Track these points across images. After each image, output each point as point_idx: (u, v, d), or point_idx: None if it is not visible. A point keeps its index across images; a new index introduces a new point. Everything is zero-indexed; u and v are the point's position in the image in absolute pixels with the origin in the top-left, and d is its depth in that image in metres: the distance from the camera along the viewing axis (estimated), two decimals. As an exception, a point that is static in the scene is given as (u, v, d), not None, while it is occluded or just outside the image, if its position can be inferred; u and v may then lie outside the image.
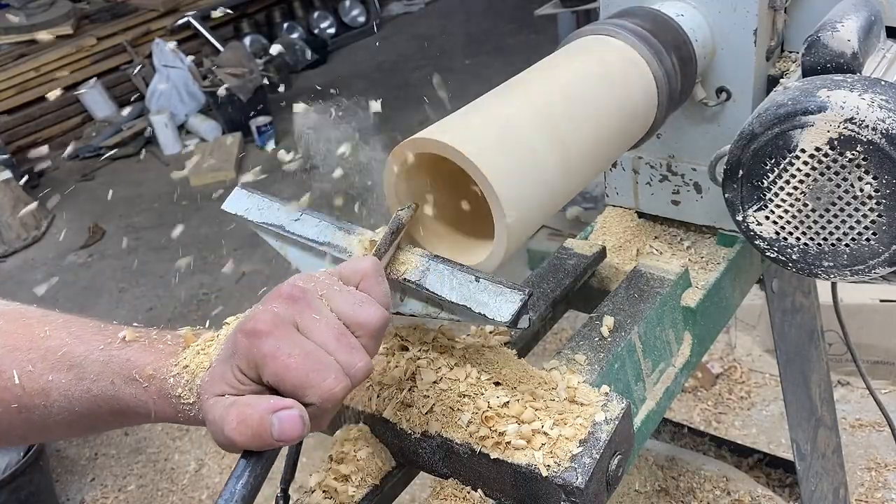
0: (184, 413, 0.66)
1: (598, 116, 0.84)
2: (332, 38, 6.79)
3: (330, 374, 0.59)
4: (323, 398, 0.59)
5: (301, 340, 0.59)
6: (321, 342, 0.60)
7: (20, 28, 5.57)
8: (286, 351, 0.58)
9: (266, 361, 0.59)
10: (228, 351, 0.61)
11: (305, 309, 0.61)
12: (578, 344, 0.91)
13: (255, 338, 0.59)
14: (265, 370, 0.59)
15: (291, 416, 0.57)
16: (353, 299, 0.64)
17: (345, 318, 0.62)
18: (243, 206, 0.84)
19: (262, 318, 0.60)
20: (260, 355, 0.59)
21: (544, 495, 0.71)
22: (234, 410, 0.58)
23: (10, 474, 2.51)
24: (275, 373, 0.58)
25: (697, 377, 2.86)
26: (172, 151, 5.45)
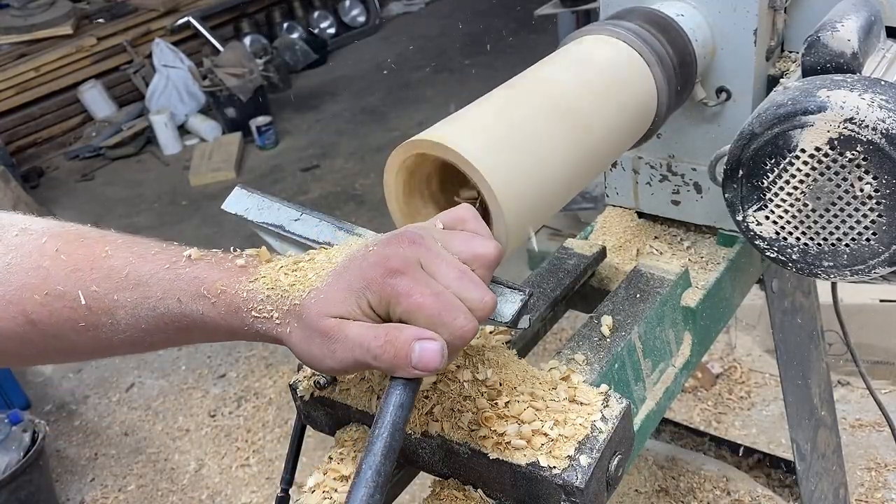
0: (252, 328, 0.67)
1: (597, 116, 0.84)
2: (332, 38, 6.80)
3: (460, 314, 0.61)
4: (455, 336, 0.61)
5: (430, 281, 0.62)
6: (446, 282, 0.62)
7: (20, 28, 5.57)
8: (419, 290, 0.61)
9: (400, 300, 0.61)
10: (357, 283, 0.63)
11: (428, 251, 0.63)
12: (578, 344, 0.91)
13: (390, 276, 0.61)
14: (398, 307, 0.61)
15: (433, 347, 0.60)
16: (465, 237, 0.66)
17: (462, 256, 0.65)
18: (243, 206, 0.84)
19: (394, 258, 0.62)
20: (394, 293, 0.61)
21: (544, 495, 0.71)
22: (382, 331, 0.61)
23: (10, 474, 2.51)
24: (408, 311, 0.61)
25: (697, 377, 2.86)
26: (172, 151, 5.45)
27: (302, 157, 5.14)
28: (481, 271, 0.65)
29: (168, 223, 4.63)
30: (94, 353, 0.73)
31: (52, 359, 0.75)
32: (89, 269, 0.69)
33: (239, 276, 0.69)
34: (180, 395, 3.29)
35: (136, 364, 3.48)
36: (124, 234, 0.74)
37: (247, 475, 2.77)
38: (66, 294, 0.69)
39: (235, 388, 3.28)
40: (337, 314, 0.63)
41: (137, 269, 0.70)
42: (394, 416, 0.61)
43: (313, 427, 0.88)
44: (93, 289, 0.69)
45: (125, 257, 0.70)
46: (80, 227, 0.75)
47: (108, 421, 3.23)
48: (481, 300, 0.63)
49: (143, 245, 0.72)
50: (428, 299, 0.61)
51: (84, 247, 0.71)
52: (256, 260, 0.71)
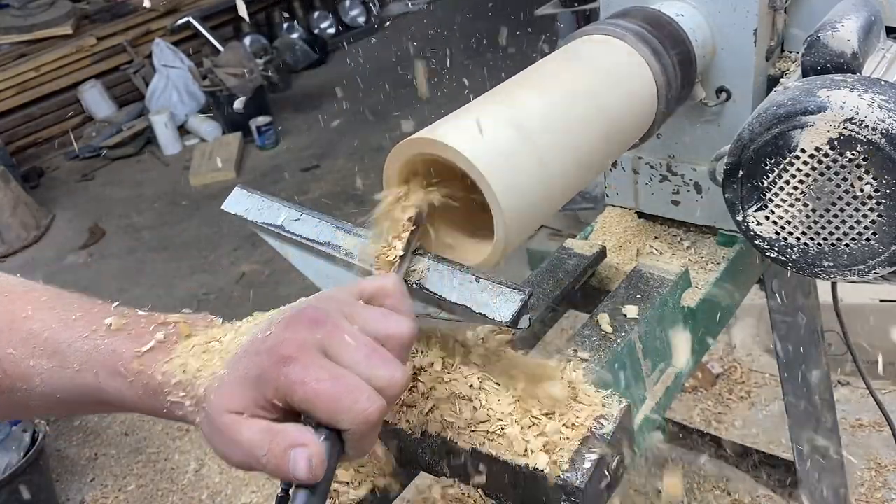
0: (171, 412, 0.64)
1: (597, 116, 0.84)
2: (332, 38, 6.79)
3: (362, 396, 0.57)
4: (356, 422, 0.57)
5: (329, 365, 0.57)
6: (351, 363, 0.58)
7: (20, 28, 5.57)
8: (314, 376, 0.56)
9: (295, 389, 0.56)
10: (252, 375, 0.59)
11: (332, 331, 0.59)
12: (578, 344, 0.91)
13: (282, 364, 0.57)
14: (294, 398, 0.57)
15: (300, 455, 0.56)
16: (380, 314, 0.62)
17: (373, 334, 0.60)
18: (243, 206, 0.84)
19: (288, 343, 0.58)
20: (288, 383, 0.56)
21: (544, 495, 0.71)
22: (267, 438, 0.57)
23: (10, 474, 2.51)
24: (305, 400, 0.56)
25: (697, 377, 2.86)
26: (172, 151, 5.45)
27: (302, 157, 5.14)
28: (395, 352, 0.60)
29: (168, 223, 4.63)
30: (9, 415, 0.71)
31: None
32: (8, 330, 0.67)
33: (156, 355, 0.66)
34: (180, 395, 3.29)
35: (136, 364, 3.48)
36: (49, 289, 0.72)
37: (247, 475, 2.77)
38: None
39: (235, 388, 3.28)
40: (234, 409, 0.58)
41: (56, 336, 0.67)
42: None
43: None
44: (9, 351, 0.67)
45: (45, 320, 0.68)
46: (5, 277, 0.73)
47: (108, 421, 3.23)
48: (391, 378, 0.58)
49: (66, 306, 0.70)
50: (324, 385, 0.56)
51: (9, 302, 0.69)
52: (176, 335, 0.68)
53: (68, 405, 0.69)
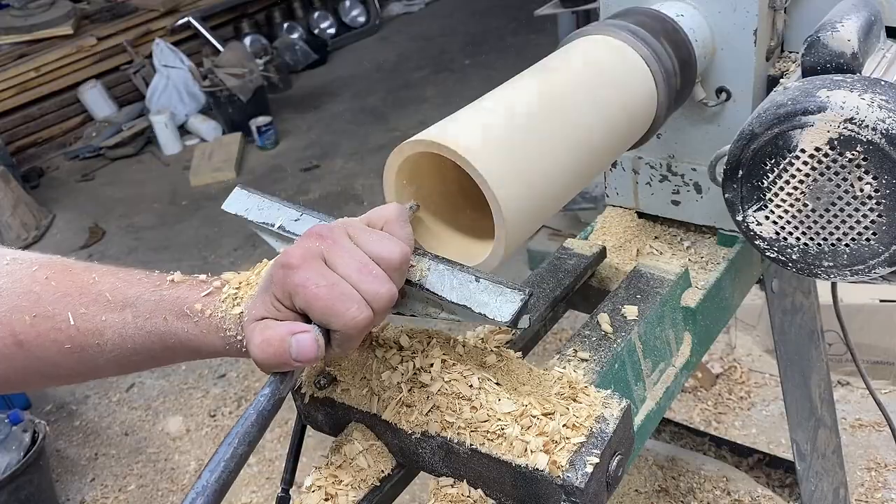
0: (231, 345, 0.72)
1: (597, 116, 0.84)
2: (332, 38, 6.79)
3: (353, 305, 0.64)
4: (346, 326, 0.65)
5: (327, 273, 0.65)
6: (345, 274, 0.65)
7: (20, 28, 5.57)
8: (314, 282, 0.64)
9: (297, 291, 0.65)
10: (266, 282, 0.68)
11: (332, 245, 0.67)
12: (578, 344, 0.91)
13: (288, 269, 0.65)
14: (296, 299, 0.65)
15: (306, 339, 0.64)
16: (376, 237, 0.69)
17: (368, 253, 0.67)
18: (243, 206, 0.84)
19: (294, 252, 0.67)
20: (292, 285, 0.65)
21: (544, 495, 0.71)
22: (259, 331, 0.66)
23: (10, 474, 2.51)
24: (305, 301, 0.65)
25: (697, 377, 2.86)
26: (172, 151, 5.45)
27: (302, 157, 5.14)
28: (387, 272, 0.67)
29: (168, 223, 4.63)
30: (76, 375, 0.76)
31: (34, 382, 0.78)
32: (78, 294, 0.73)
33: (214, 297, 0.74)
34: (180, 395, 3.29)
35: (136, 364, 3.48)
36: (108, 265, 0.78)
37: (247, 475, 2.77)
38: (55, 316, 0.72)
39: (235, 388, 3.28)
40: (257, 317, 0.67)
41: (124, 292, 0.74)
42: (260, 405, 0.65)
43: (313, 427, 0.89)
44: (81, 311, 0.72)
45: (112, 282, 0.75)
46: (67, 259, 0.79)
47: (108, 421, 3.23)
48: (375, 292, 0.66)
49: (128, 272, 0.77)
50: (322, 290, 0.64)
51: (72, 275, 0.75)
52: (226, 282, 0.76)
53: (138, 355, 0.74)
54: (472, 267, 0.72)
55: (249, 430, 0.64)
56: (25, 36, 5.57)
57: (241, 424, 0.64)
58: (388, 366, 0.80)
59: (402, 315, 0.76)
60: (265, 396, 0.65)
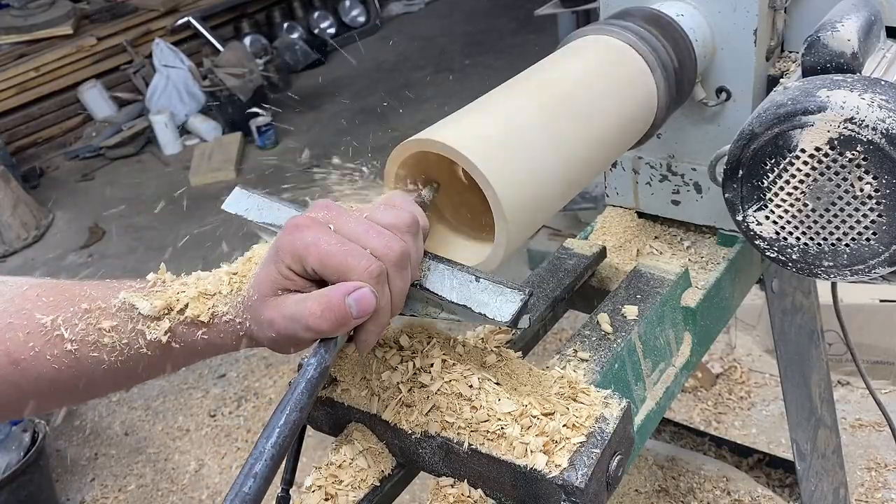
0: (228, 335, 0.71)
1: (598, 116, 0.84)
2: (332, 38, 6.79)
3: (363, 258, 0.65)
4: (363, 277, 0.64)
5: (335, 234, 0.66)
6: (352, 236, 0.66)
7: (20, 28, 5.57)
8: (324, 240, 0.65)
9: (309, 250, 0.65)
10: (271, 255, 0.67)
11: (338, 213, 0.68)
12: (578, 344, 0.91)
13: (297, 232, 0.65)
14: (309, 259, 0.65)
15: (364, 294, 0.64)
16: (383, 207, 0.70)
17: (375, 221, 0.68)
18: (243, 206, 0.84)
19: (301, 217, 0.67)
20: (303, 246, 0.65)
21: (544, 495, 0.71)
22: (313, 302, 0.64)
23: (10, 474, 2.51)
24: (318, 259, 0.64)
25: (697, 377, 2.86)
26: (172, 151, 5.45)
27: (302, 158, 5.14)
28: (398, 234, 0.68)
29: (168, 223, 4.63)
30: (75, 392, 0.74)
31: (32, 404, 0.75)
32: (70, 306, 0.72)
33: None
34: (180, 395, 3.29)
35: (136, 364, 3.48)
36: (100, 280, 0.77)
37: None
38: (48, 330, 0.70)
39: (235, 388, 3.28)
40: (270, 291, 0.67)
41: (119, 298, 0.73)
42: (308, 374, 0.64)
43: (313, 427, 0.88)
44: (74, 322, 0.71)
45: (103, 292, 0.73)
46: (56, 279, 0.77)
47: (108, 421, 3.23)
48: (386, 244, 0.66)
49: (120, 282, 0.76)
50: (334, 247, 0.64)
51: (63, 290, 0.74)
52: None
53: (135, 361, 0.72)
54: (472, 267, 0.72)
55: (300, 397, 0.64)
56: (25, 36, 5.58)
57: (291, 393, 0.64)
58: (387, 366, 0.80)
59: (402, 315, 0.76)
60: (312, 366, 0.65)
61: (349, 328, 0.66)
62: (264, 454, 0.61)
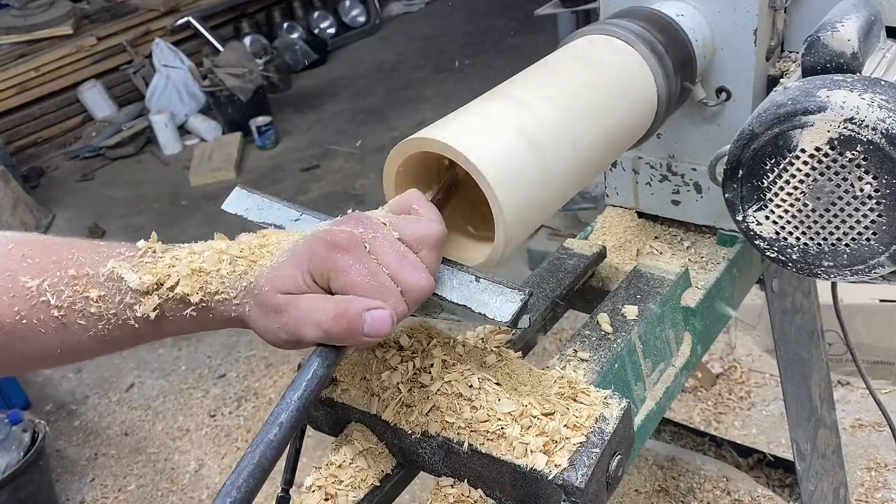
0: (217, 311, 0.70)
1: (598, 116, 0.84)
2: (332, 38, 6.79)
3: (391, 298, 0.65)
4: None
5: (370, 261, 0.66)
6: (385, 262, 0.66)
7: (20, 28, 5.57)
8: (357, 269, 0.65)
9: (338, 275, 0.65)
10: (304, 257, 0.67)
11: (374, 232, 0.67)
12: (578, 344, 0.91)
13: (334, 251, 0.65)
14: (336, 282, 0.65)
15: (383, 315, 0.64)
16: (411, 219, 0.70)
17: (405, 237, 0.68)
18: (243, 206, 0.84)
19: (341, 235, 0.66)
20: (335, 268, 0.65)
21: (544, 495, 0.71)
22: (330, 303, 0.65)
23: (10, 474, 2.51)
24: (343, 286, 0.65)
25: (697, 377, 2.86)
26: (172, 151, 5.45)
27: (302, 157, 5.14)
28: (426, 252, 0.68)
29: (168, 223, 4.63)
30: (61, 355, 0.73)
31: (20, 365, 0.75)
32: (57, 270, 0.71)
33: None
34: (180, 395, 3.29)
35: (136, 364, 3.48)
36: (90, 240, 0.75)
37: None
38: (34, 295, 0.69)
39: (235, 388, 3.28)
40: (286, 289, 0.66)
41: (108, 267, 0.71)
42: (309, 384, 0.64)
43: (313, 427, 0.89)
44: (60, 287, 0.70)
45: (92, 257, 0.72)
46: (46, 236, 0.76)
47: (108, 421, 3.23)
48: (417, 283, 0.66)
49: (109, 246, 0.74)
50: (363, 279, 0.64)
51: (51, 251, 0.72)
52: None
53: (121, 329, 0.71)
54: (472, 267, 0.72)
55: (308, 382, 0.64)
56: (25, 36, 5.57)
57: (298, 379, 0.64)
58: (387, 366, 0.80)
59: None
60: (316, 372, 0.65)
61: (355, 343, 0.65)
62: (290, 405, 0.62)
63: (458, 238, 0.80)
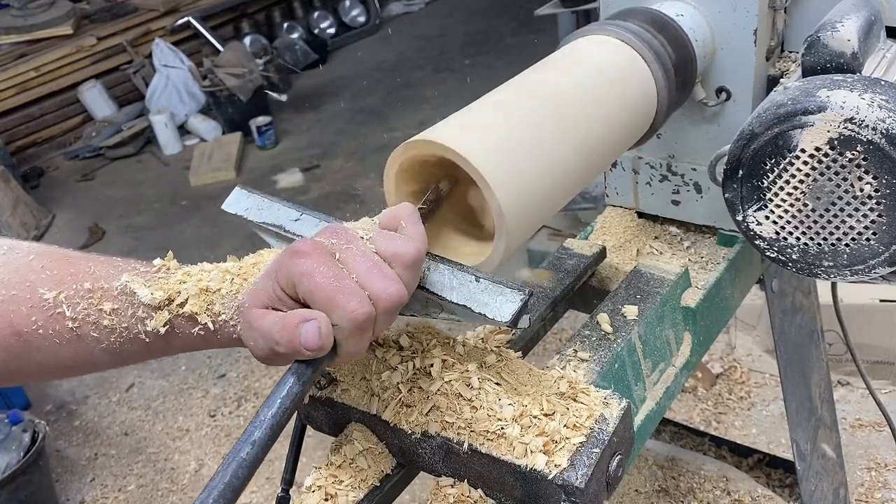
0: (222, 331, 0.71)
1: (598, 116, 0.84)
2: (332, 38, 6.79)
3: (353, 299, 0.63)
4: (345, 319, 0.64)
5: (335, 266, 0.65)
6: (354, 270, 0.65)
7: (20, 28, 5.57)
8: (320, 272, 0.64)
9: (302, 279, 0.64)
10: (273, 268, 0.67)
11: (346, 243, 0.67)
12: (578, 344, 0.91)
13: (296, 257, 0.65)
14: (300, 287, 0.64)
15: (311, 327, 0.63)
16: (390, 236, 0.69)
17: (380, 252, 0.67)
18: (243, 206, 0.84)
19: (305, 243, 0.66)
20: (297, 273, 0.64)
21: (544, 495, 0.71)
22: (279, 318, 0.65)
23: (10, 474, 2.51)
24: (308, 290, 0.64)
25: (697, 377, 2.86)
26: (172, 151, 5.45)
27: (302, 157, 5.14)
28: (399, 269, 0.67)
29: (168, 223, 4.63)
30: (74, 367, 0.75)
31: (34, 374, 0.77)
32: (74, 283, 0.72)
33: None
34: (180, 395, 3.29)
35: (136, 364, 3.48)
36: (107, 255, 0.78)
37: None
38: (51, 307, 0.72)
39: (235, 388, 3.28)
40: (260, 304, 0.67)
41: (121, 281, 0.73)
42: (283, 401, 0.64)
43: (313, 427, 0.89)
44: (76, 300, 0.72)
45: (107, 271, 0.74)
46: (64, 249, 0.78)
47: (108, 421, 3.23)
48: (385, 290, 0.65)
49: (126, 261, 0.76)
50: (326, 280, 0.64)
51: (69, 264, 0.74)
52: None
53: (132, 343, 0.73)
54: (472, 267, 0.72)
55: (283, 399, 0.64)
56: (25, 36, 5.57)
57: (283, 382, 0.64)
58: (387, 366, 0.80)
59: (402, 315, 0.76)
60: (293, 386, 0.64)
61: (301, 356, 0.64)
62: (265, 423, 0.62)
63: (459, 238, 0.80)
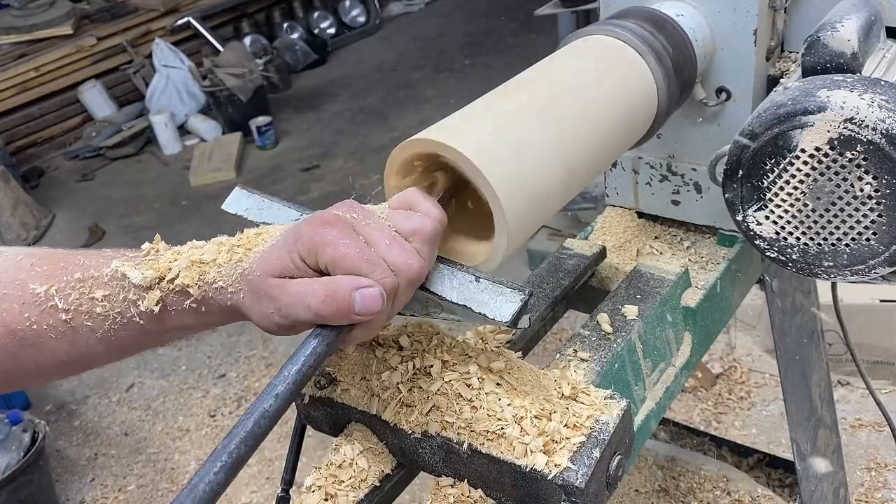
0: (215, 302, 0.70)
1: (598, 116, 0.84)
2: (332, 38, 6.79)
3: (377, 269, 0.64)
4: None
5: (357, 238, 0.65)
6: (374, 243, 0.66)
7: (20, 28, 5.57)
8: (344, 242, 0.64)
9: (326, 249, 0.64)
10: (291, 238, 0.67)
11: (364, 217, 0.67)
12: (578, 344, 0.91)
13: (320, 226, 0.65)
14: (323, 256, 0.64)
15: (373, 293, 0.64)
16: (406, 214, 0.69)
17: (399, 229, 0.68)
18: (243, 206, 0.84)
19: (328, 213, 0.67)
20: (322, 242, 0.64)
21: (544, 495, 0.71)
22: (319, 285, 0.64)
23: (10, 474, 2.51)
24: (332, 259, 0.64)
25: (697, 377, 2.86)
26: (172, 151, 5.45)
27: (302, 157, 5.14)
28: (418, 244, 0.68)
29: (168, 223, 4.63)
30: (71, 360, 0.75)
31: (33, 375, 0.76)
32: (63, 275, 0.72)
33: None
34: (180, 395, 3.29)
35: (136, 364, 3.48)
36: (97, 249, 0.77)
37: (247, 475, 2.77)
38: (42, 300, 0.71)
39: (235, 388, 3.28)
40: (277, 273, 0.66)
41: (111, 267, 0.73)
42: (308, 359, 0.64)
43: (313, 427, 0.89)
44: (67, 291, 0.71)
45: (97, 261, 0.73)
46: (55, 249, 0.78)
47: (108, 421, 3.23)
48: (405, 262, 0.66)
49: (115, 251, 0.76)
50: (352, 250, 0.64)
51: (58, 259, 0.74)
52: None
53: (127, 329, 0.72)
54: (472, 267, 0.72)
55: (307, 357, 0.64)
56: (25, 36, 5.57)
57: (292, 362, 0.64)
58: (387, 366, 0.80)
59: (402, 315, 0.76)
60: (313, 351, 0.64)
61: (347, 322, 0.65)
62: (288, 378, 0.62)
63: (459, 238, 0.80)
